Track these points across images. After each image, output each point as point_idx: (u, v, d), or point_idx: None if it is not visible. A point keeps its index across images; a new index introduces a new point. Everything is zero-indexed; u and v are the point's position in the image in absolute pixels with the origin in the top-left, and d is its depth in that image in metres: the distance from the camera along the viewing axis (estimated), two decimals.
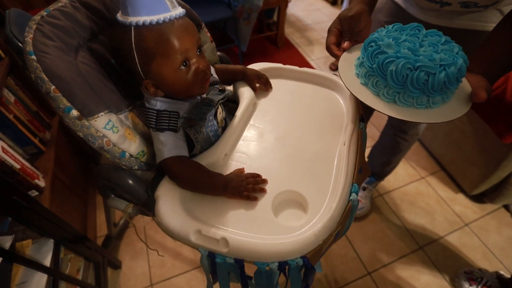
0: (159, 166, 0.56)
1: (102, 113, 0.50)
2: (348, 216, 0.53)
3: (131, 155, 0.56)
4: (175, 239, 0.51)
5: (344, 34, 0.63)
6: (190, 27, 0.53)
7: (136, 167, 0.57)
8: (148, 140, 0.61)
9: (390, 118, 1.12)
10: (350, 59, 0.60)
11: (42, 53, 0.47)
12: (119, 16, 0.49)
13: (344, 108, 0.70)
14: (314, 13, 2.90)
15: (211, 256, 0.49)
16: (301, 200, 0.55)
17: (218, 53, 0.81)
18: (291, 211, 0.55)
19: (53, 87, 0.46)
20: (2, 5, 1.41)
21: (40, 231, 0.78)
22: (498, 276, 1.17)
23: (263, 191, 0.55)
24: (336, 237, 0.52)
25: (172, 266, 1.24)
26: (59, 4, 0.53)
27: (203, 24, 0.72)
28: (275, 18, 2.48)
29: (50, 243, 0.83)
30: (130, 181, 0.56)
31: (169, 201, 0.53)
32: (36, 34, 0.48)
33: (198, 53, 0.54)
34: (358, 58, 0.57)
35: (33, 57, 0.46)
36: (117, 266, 1.22)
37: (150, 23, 0.47)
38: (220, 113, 0.65)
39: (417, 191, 1.53)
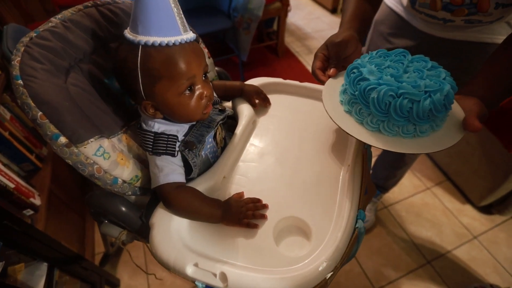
0: (154, 191, 0.53)
1: (92, 139, 0.47)
2: (354, 244, 0.49)
3: (124, 181, 0.53)
4: (170, 271, 0.48)
5: (330, 60, 0.61)
6: (200, 52, 0.51)
7: (129, 193, 0.55)
8: (143, 163, 0.58)
9: None
10: (335, 86, 0.57)
11: (30, 77, 0.45)
12: (127, 33, 0.47)
13: None
14: (314, 21, 2.90)
15: None
16: (304, 227, 0.52)
17: (216, 68, 0.79)
18: (293, 238, 0.52)
19: (40, 113, 0.44)
20: (1, 19, 1.40)
21: (33, 255, 0.75)
22: None
23: (263, 217, 0.52)
24: (341, 266, 0.49)
25: (172, 284, 1.20)
26: (50, 24, 0.51)
27: (200, 40, 0.70)
28: (275, 27, 2.47)
29: (44, 267, 0.79)
30: (123, 208, 0.53)
31: (164, 230, 0.50)
32: (24, 57, 0.46)
33: (203, 79, 0.52)
34: (343, 85, 0.55)
35: (20, 81, 0.44)
36: (115, 284, 1.18)
37: (160, 44, 0.45)
38: (220, 134, 0.62)
39: (423, 202, 1.49)
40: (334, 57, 0.60)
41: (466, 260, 1.28)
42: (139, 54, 0.46)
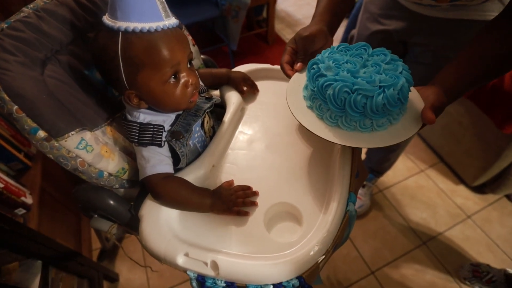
0: (143, 183, 0.52)
1: (73, 132, 0.46)
2: (345, 228, 0.49)
3: (110, 174, 0.52)
4: (161, 262, 0.48)
5: (298, 54, 0.60)
6: (183, 39, 0.49)
7: (117, 185, 0.54)
8: (130, 155, 0.57)
9: None
10: (300, 81, 0.56)
11: (3, 70, 0.43)
12: (106, 19, 0.45)
13: None
14: (304, 7, 2.85)
15: (201, 279, 0.45)
16: (295, 212, 0.52)
17: (202, 56, 0.77)
18: (284, 224, 0.52)
19: (15, 107, 0.42)
20: None
21: (26, 253, 0.74)
22: (506, 274, 1.14)
23: (254, 204, 0.52)
24: (334, 249, 0.49)
25: (171, 276, 1.20)
26: (22, 14, 0.49)
27: (183, 26, 0.68)
28: (264, 14, 2.42)
29: (38, 264, 0.79)
30: (111, 202, 0.52)
31: (154, 222, 0.49)
32: None
33: (188, 66, 0.51)
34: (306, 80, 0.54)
35: None
36: (114, 279, 1.19)
37: (141, 31, 0.43)
38: (208, 122, 0.61)
39: (417, 184, 1.50)
40: (302, 51, 0.59)
41: (461, 240, 1.30)
42: (119, 41, 0.44)
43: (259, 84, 0.73)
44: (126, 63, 0.46)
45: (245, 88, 0.68)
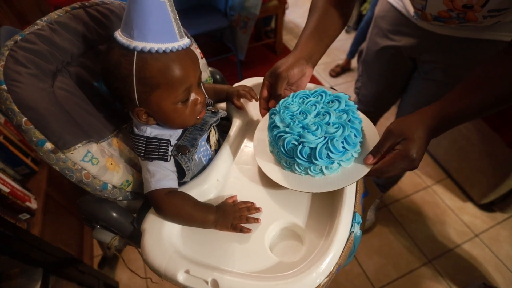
0: (146, 196, 0.52)
1: (79, 145, 0.46)
2: (349, 249, 0.48)
3: (114, 186, 0.52)
4: (161, 277, 0.47)
5: (272, 90, 0.61)
6: (196, 59, 0.50)
7: (121, 198, 0.54)
8: (135, 167, 0.57)
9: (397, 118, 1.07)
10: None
11: (14, 82, 0.44)
12: (119, 36, 0.44)
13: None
14: None
15: None
16: (298, 231, 0.51)
17: (210, 68, 0.77)
18: (287, 243, 0.51)
19: (24, 119, 0.43)
20: None
21: (27, 261, 0.74)
22: None
23: (257, 221, 0.51)
24: (336, 271, 0.48)
25: (171, 286, 1.19)
26: (36, 27, 0.50)
27: (193, 40, 0.69)
28: (272, 25, 2.45)
29: (39, 272, 0.79)
30: (114, 214, 0.52)
31: (156, 236, 0.49)
32: (8, 61, 0.45)
33: (197, 85, 0.51)
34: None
35: (3, 86, 0.43)
36: (114, 287, 1.18)
37: (157, 51, 0.43)
38: (213, 136, 0.61)
39: (424, 200, 1.48)
40: (276, 87, 0.59)
41: (468, 259, 1.27)
42: (134, 61, 0.44)
43: None
44: (140, 83, 0.45)
45: (238, 103, 0.66)
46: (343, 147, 0.48)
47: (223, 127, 0.71)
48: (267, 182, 0.57)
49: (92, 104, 0.54)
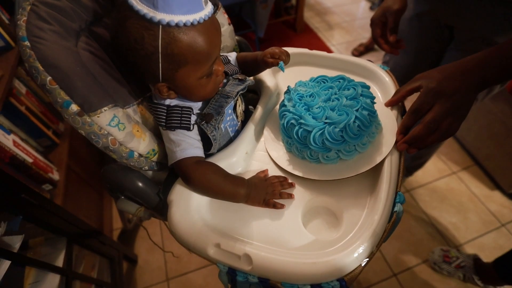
0: (172, 167, 0.50)
1: (106, 108, 0.44)
2: (391, 229, 0.45)
3: (140, 155, 0.50)
4: (190, 251, 0.45)
5: (389, 26, 0.66)
6: (219, 28, 0.46)
7: (146, 167, 0.52)
8: (160, 137, 0.54)
9: None
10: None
11: (37, 38, 0.41)
12: (138, 4, 0.38)
13: (381, 100, 0.60)
14: None
15: (231, 272, 0.42)
16: (335, 208, 0.48)
17: (236, 37, 0.72)
18: (322, 220, 0.48)
19: (49, 78, 0.40)
20: None
21: (52, 229, 0.75)
22: (475, 259, 1.12)
23: (291, 197, 0.48)
24: (376, 251, 0.44)
25: (188, 261, 1.20)
26: None
27: (220, 4, 0.64)
28: (293, 1, 2.33)
29: (63, 241, 0.79)
30: (140, 184, 0.50)
31: (183, 208, 0.46)
32: (30, 17, 0.41)
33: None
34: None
35: (26, 43, 0.40)
36: (133, 260, 1.20)
37: (185, 24, 0.39)
38: (240, 106, 0.58)
39: (448, 187, 1.42)
40: (392, 24, 0.64)
41: (492, 249, 1.22)
42: (160, 36, 0.39)
43: (295, 69, 0.68)
44: (167, 60, 0.42)
45: (270, 60, 0.56)
46: (342, 136, 0.47)
47: (249, 100, 0.67)
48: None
49: (117, 68, 0.51)
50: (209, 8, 0.42)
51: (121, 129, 0.45)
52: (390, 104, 0.55)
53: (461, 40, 0.78)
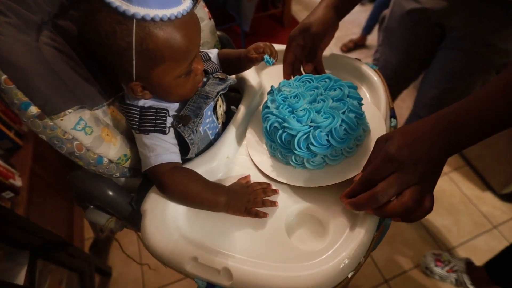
0: (145, 173, 0.49)
1: (70, 110, 0.42)
2: (377, 239, 0.45)
3: (110, 161, 0.48)
4: (165, 265, 0.44)
5: (304, 53, 0.61)
6: (199, 24, 0.46)
7: (117, 174, 0.50)
8: (133, 140, 0.53)
9: (415, 105, 1.03)
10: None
11: None
12: None
13: (369, 101, 0.61)
14: None
15: None
16: (321, 216, 0.48)
17: (217, 32, 0.72)
18: (308, 230, 0.48)
19: (4, 76, 0.38)
20: None
21: (12, 243, 0.72)
22: (468, 263, 1.16)
23: (274, 205, 0.48)
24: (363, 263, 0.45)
25: (167, 272, 1.17)
26: None
27: None
28: None
29: (26, 255, 0.76)
30: (110, 192, 0.49)
31: (158, 218, 0.46)
32: None
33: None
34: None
35: None
36: (106, 272, 1.17)
37: (162, 19, 0.38)
38: (221, 106, 0.57)
39: (440, 188, 1.46)
40: (310, 51, 0.59)
41: (485, 251, 1.26)
42: (134, 30, 0.38)
43: (280, 68, 0.67)
44: (142, 57, 0.41)
45: (254, 55, 0.55)
46: (327, 141, 0.47)
47: (232, 99, 0.67)
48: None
49: (85, 65, 0.49)
50: (187, 2, 0.42)
51: (88, 133, 0.44)
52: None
53: (453, 39, 0.80)
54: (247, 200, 0.47)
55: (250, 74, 0.64)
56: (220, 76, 0.55)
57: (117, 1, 0.38)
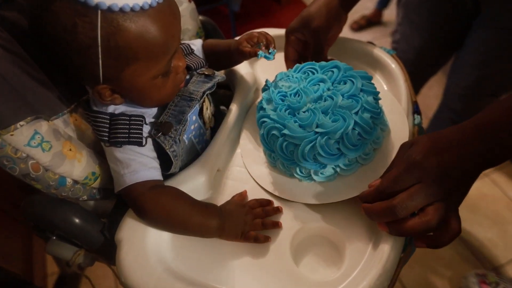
0: (119, 194, 0.49)
1: (22, 122, 0.42)
2: (404, 263, 0.46)
3: (75, 181, 0.49)
4: None
5: (311, 51, 0.63)
6: (178, 12, 0.46)
7: (84, 197, 0.51)
8: (103, 153, 0.54)
9: (445, 95, 1.04)
10: None
11: None
12: None
13: (388, 95, 0.61)
14: None
15: None
16: (334, 238, 0.49)
17: (200, 17, 0.73)
18: (319, 254, 0.48)
19: None
20: None
21: None
22: None
23: (277, 226, 0.49)
24: None
25: None
26: None
27: None
28: None
29: None
30: (76, 220, 0.50)
31: (137, 249, 0.46)
32: None
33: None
34: None
35: None
36: None
37: (132, 9, 0.38)
38: (208, 108, 0.58)
39: (480, 193, 1.47)
40: (316, 48, 0.61)
41: None
42: (99, 24, 0.38)
43: (276, 56, 0.68)
44: (109, 55, 0.41)
45: (247, 49, 0.56)
46: (338, 149, 0.47)
47: (221, 97, 0.68)
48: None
49: (39, 66, 0.49)
50: None
51: (46, 149, 0.44)
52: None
53: (490, 15, 0.80)
54: (244, 222, 0.48)
55: (241, 66, 0.65)
56: (206, 73, 0.56)
57: None
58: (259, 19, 2.18)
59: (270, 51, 0.54)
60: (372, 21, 2.18)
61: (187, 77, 0.55)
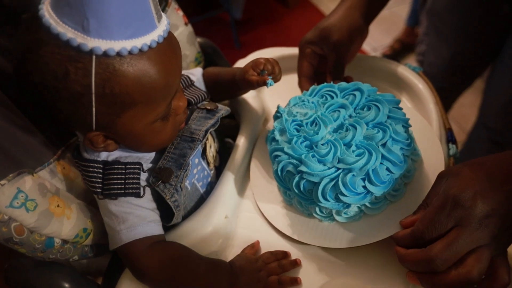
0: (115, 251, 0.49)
1: (3, 181, 0.42)
2: None
3: (64, 241, 0.49)
4: None
5: (329, 66, 0.62)
6: (179, 48, 0.47)
7: (75, 257, 0.51)
8: (95, 204, 0.54)
9: (481, 112, 1.02)
10: None
11: None
12: (61, 28, 0.37)
13: (417, 117, 0.60)
14: None
15: None
16: None
17: (198, 39, 0.74)
18: None
19: None
20: None
21: None
22: None
23: (296, 283, 0.48)
24: None
25: None
26: None
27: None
28: None
29: None
30: (66, 285, 0.48)
31: None
32: None
33: None
34: None
35: None
36: None
37: (130, 52, 0.39)
38: (211, 146, 0.58)
39: None
40: (335, 64, 0.60)
41: None
42: (93, 70, 0.39)
43: (288, 78, 0.68)
44: (104, 102, 0.41)
45: (253, 77, 0.56)
46: (364, 187, 0.46)
47: (226, 127, 0.68)
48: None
49: (21, 107, 0.50)
50: (164, 23, 0.42)
51: (31, 209, 0.44)
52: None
53: None
54: (257, 279, 0.48)
55: (247, 97, 0.65)
56: (208, 107, 0.56)
57: (69, 32, 0.37)
58: (265, 27, 2.18)
59: (269, 77, 0.54)
60: (405, 43, 1.93)
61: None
